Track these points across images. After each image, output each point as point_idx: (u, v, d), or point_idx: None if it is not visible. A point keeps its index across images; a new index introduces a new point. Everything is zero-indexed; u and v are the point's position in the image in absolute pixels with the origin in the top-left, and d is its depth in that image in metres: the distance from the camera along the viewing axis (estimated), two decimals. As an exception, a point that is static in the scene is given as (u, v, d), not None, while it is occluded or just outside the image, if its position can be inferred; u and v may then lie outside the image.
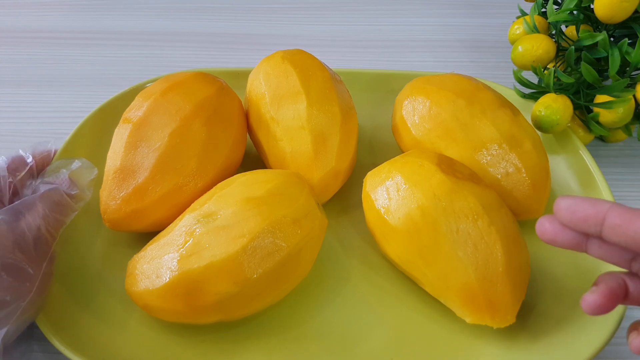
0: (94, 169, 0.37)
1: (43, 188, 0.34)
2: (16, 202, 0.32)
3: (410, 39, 0.63)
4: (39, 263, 0.32)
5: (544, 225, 0.26)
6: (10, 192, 0.34)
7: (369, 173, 0.38)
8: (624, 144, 0.50)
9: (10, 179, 0.34)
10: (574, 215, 0.24)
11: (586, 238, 0.25)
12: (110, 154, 0.38)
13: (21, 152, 0.37)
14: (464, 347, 0.34)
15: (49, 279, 0.33)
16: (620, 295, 0.25)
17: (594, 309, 0.25)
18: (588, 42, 0.44)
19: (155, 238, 0.35)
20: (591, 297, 0.25)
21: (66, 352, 0.32)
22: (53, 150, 0.40)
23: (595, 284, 0.26)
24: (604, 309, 0.25)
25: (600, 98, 0.43)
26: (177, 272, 0.32)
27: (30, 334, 0.35)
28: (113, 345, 0.34)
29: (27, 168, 0.36)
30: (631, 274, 0.26)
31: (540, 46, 0.46)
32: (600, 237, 0.24)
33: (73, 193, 0.35)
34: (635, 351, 0.25)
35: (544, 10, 0.51)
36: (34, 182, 0.36)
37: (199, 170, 0.38)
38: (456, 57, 0.60)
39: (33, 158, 0.37)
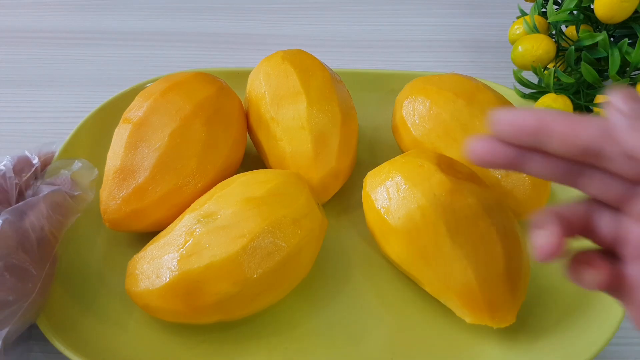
0: (95, 170, 0.37)
1: (45, 189, 0.34)
2: (20, 203, 0.32)
3: (410, 39, 0.63)
4: (42, 264, 0.32)
5: (476, 146, 0.23)
6: (17, 193, 0.34)
7: (369, 173, 0.38)
8: (624, 144, 0.50)
9: (17, 181, 0.34)
10: (514, 125, 0.22)
11: (523, 154, 0.23)
12: (110, 154, 0.38)
13: (27, 153, 0.37)
14: (464, 347, 0.34)
15: (51, 280, 0.33)
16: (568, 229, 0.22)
17: (549, 249, 0.22)
18: (588, 42, 0.44)
19: (155, 238, 0.35)
20: (542, 238, 0.22)
21: (66, 352, 0.32)
22: (57, 152, 0.40)
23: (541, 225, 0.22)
24: (559, 246, 0.22)
25: (601, 98, 0.43)
26: (177, 272, 0.32)
27: (29, 335, 0.35)
28: (113, 345, 0.34)
29: (33, 169, 0.36)
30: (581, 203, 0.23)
31: (540, 46, 0.46)
32: (542, 151, 0.22)
33: (75, 194, 0.35)
34: (574, 279, 0.23)
35: (544, 10, 0.51)
36: (35, 183, 0.36)
37: (199, 170, 0.38)
38: (456, 57, 0.60)
39: (38, 159, 0.37)
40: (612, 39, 0.45)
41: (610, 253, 0.23)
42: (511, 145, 0.23)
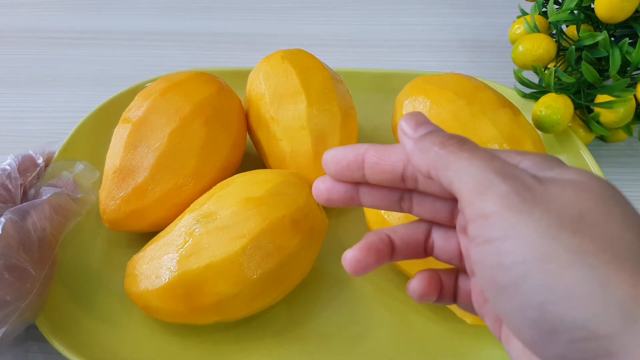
0: (96, 172, 0.37)
1: (48, 191, 0.33)
2: (24, 204, 0.32)
3: (410, 39, 0.63)
4: (41, 265, 0.32)
5: (318, 187, 0.24)
6: (21, 193, 0.34)
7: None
8: (625, 144, 0.50)
9: (22, 181, 0.34)
10: (338, 164, 0.23)
11: (357, 189, 0.24)
12: (109, 154, 0.38)
13: (31, 152, 0.36)
14: (464, 347, 0.34)
15: (50, 282, 0.33)
16: (383, 250, 0.23)
17: (353, 264, 0.22)
18: (589, 42, 0.44)
19: (155, 238, 0.35)
20: (350, 253, 0.22)
21: (65, 352, 0.32)
22: (57, 151, 0.40)
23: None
24: (364, 264, 0.22)
25: (601, 98, 0.43)
26: (176, 273, 0.31)
27: (27, 335, 0.35)
28: (113, 345, 0.34)
29: (37, 170, 0.35)
30: (396, 228, 0.24)
31: (540, 46, 0.46)
32: (367, 183, 0.24)
33: (78, 197, 0.35)
34: (415, 297, 0.24)
35: (544, 9, 0.51)
36: (37, 183, 0.36)
37: (198, 170, 0.38)
38: (456, 57, 0.60)
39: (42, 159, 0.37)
40: (612, 39, 0.45)
41: (454, 271, 0.24)
42: (343, 182, 0.24)
